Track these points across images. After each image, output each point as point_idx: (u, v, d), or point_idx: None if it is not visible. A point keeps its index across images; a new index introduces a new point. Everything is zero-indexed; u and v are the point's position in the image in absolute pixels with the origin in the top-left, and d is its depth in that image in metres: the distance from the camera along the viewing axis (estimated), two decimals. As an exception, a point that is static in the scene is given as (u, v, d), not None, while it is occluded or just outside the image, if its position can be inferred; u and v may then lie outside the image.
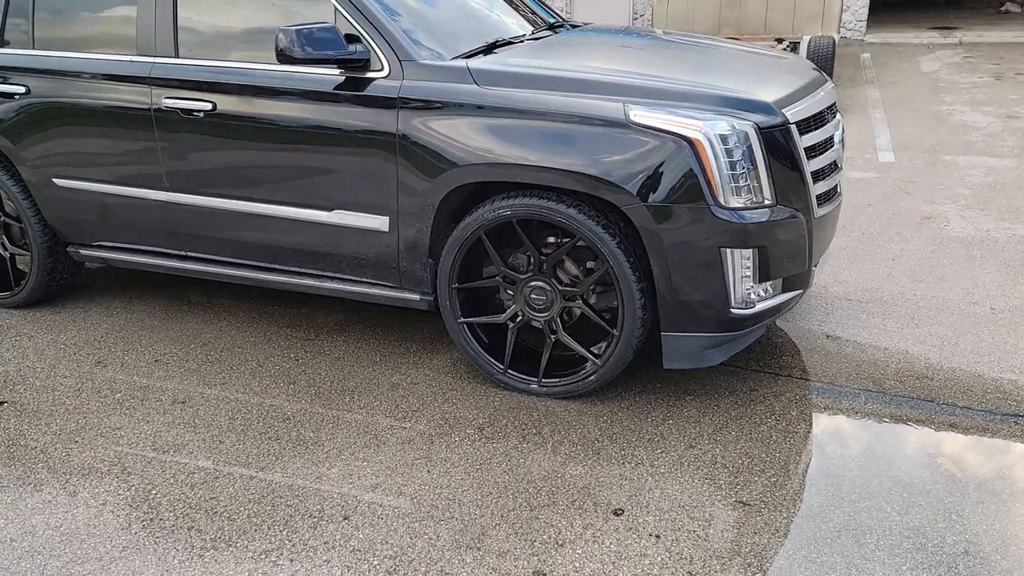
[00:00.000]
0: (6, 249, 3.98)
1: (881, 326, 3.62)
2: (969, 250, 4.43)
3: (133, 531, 2.43)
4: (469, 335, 3.18)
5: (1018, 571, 2.19)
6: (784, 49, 7.93)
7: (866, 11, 12.32)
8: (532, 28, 3.78)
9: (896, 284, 4.04)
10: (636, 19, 13.39)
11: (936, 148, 6.45)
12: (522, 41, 3.48)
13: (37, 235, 3.80)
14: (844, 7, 12.17)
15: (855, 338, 3.52)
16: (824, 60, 7.70)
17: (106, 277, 4.46)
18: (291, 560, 2.30)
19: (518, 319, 3.12)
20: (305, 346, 3.60)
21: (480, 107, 2.88)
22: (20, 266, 4.04)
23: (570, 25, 4.09)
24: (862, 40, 12.18)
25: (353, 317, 3.86)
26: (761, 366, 3.33)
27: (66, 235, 3.83)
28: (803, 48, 7.92)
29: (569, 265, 3.06)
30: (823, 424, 2.92)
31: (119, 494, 2.60)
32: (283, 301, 4.05)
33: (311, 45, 2.91)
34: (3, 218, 3.92)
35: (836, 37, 8.22)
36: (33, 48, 3.56)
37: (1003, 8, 14.89)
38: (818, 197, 3.02)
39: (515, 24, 3.72)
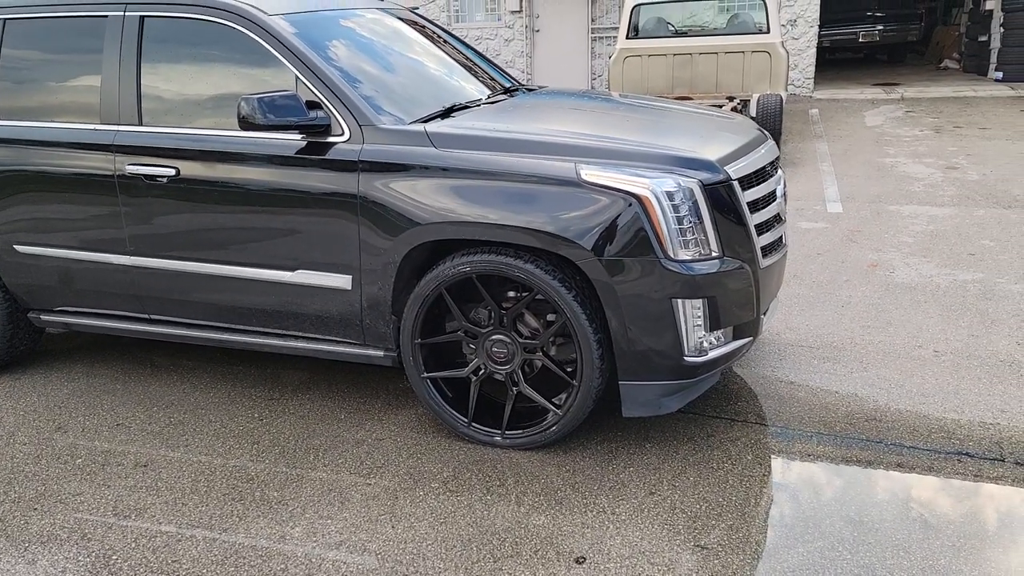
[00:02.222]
0: (-34, 316, 3.97)
1: (832, 370, 3.75)
2: (914, 295, 4.61)
3: (94, 597, 2.41)
4: (433, 390, 3.24)
5: (964, 604, 2.27)
6: (735, 107, 8.25)
7: (813, 69, 12.89)
8: (489, 92, 3.94)
9: (845, 330, 4.19)
10: (594, 79, 13.82)
11: (881, 199, 6.73)
12: (479, 105, 3.63)
13: (-2, 301, 3.80)
14: (792, 66, 12.72)
15: (807, 383, 3.64)
16: (773, 116, 8.04)
17: (67, 341, 4.45)
18: (255, 620, 2.30)
19: (480, 372, 3.18)
20: (270, 405, 3.62)
21: (438, 168, 3.00)
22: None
23: (526, 88, 4.26)
24: (811, 96, 12.71)
25: (318, 375, 3.90)
26: (718, 412, 3.42)
27: (27, 301, 3.83)
28: (753, 105, 8.25)
29: (529, 319, 3.15)
30: (777, 467, 3.01)
31: (79, 561, 2.58)
32: (247, 361, 4.07)
33: (273, 112, 3.02)
34: (-37, 285, 3.92)
35: (784, 95, 8.58)
36: (-3, 118, 3.62)
37: (942, 65, 15.67)
38: (763, 248, 3.15)
39: (472, 88, 3.88)
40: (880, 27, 16.15)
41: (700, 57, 9.04)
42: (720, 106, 8.13)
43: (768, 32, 8.92)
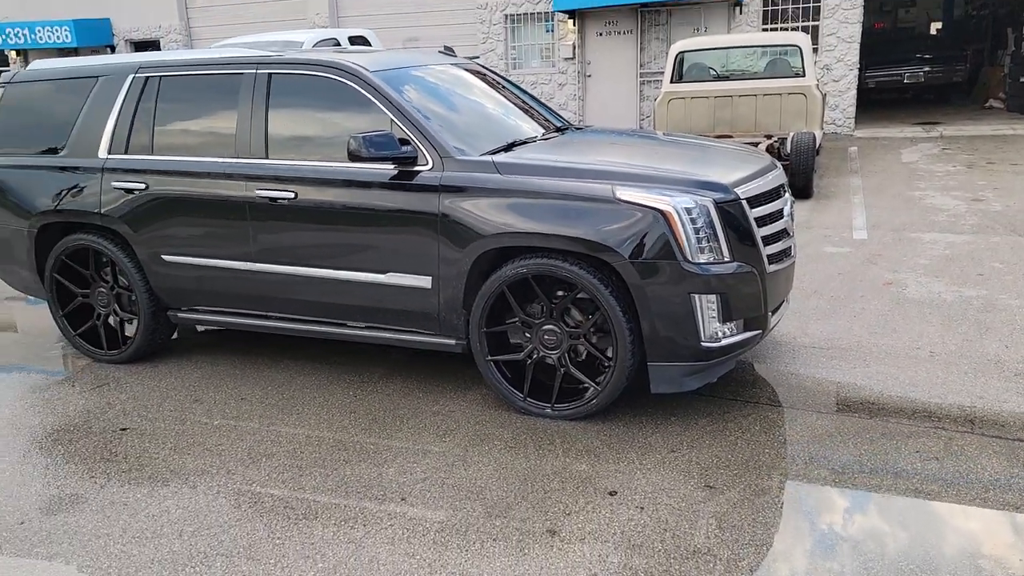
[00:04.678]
0: (117, 315, 4.87)
1: (837, 366, 4.36)
2: (920, 309, 5.19)
3: (243, 508, 3.19)
4: (495, 370, 3.97)
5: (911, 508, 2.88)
6: (772, 144, 8.90)
7: (853, 109, 13.44)
8: (543, 130, 4.72)
9: (854, 335, 4.80)
10: (643, 120, 14.60)
11: (905, 227, 7.29)
12: (535, 140, 4.41)
13: (144, 302, 4.69)
14: (833, 106, 13.30)
15: (814, 375, 4.26)
16: (807, 152, 8.67)
17: (189, 341, 5.33)
18: (364, 526, 3.04)
19: (535, 356, 3.91)
20: (361, 387, 4.40)
21: (503, 191, 3.77)
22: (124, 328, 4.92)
23: (574, 128, 5.04)
24: (851, 135, 13.25)
25: (398, 366, 4.67)
26: (734, 396, 4.07)
27: (168, 301, 4.72)
28: (788, 142, 8.88)
29: (574, 312, 3.87)
30: (779, 434, 3.64)
31: (228, 486, 3.37)
32: (337, 354, 4.87)
33: (373, 147, 3.84)
34: (117, 289, 4.83)
35: (818, 133, 9.19)
36: (153, 153, 4.54)
37: (987, 104, 16.01)
38: (770, 257, 3.82)
39: (529, 127, 4.67)
40: (925, 69, 16.65)
41: (740, 99, 9.74)
42: (757, 144, 8.79)
43: (804, 76, 9.58)
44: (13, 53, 18.51)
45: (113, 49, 17.83)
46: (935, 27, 21.96)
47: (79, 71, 4.81)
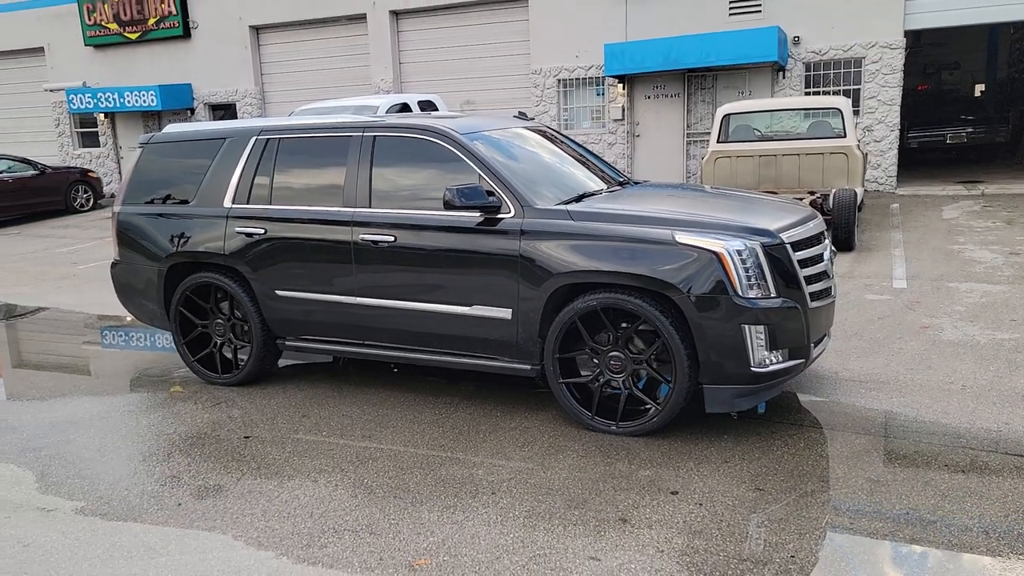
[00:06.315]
0: (231, 343, 5.57)
1: (876, 396, 4.82)
2: (956, 349, 5.61)
3: (359, 498, 3.78)
4: (567, 392, 4.53)
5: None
6: (815, 200, 9.41)
7: (895, 168, 13.89)
8: (606, 184, 5.36)
9: (892, 371, 5.25)
10: (689, 177, 15.23)
11: (943, 277, 7.71)
12: (601, 193, 5.04)
13: (257, 331, 5.38)
14: (875, 165, 13.78)
15: (854, 403, 4.72)
16: (848, 208, 9.16)
17: (287, 369, 6.00)
18: (464, 512, 3.60)
19: (601, 379, 4.46)
20: (445, 407, 4.98)
21: (577, 235, 4.39)
22: (227, 355, 5.60)
23: (634, 182, 5.67)
24: (893, 192, 13.67)
25: (471, 392, 5.25)
26: (781, 419, 4.55)
27: (277, 331, 5.40)
28: (831, 198, 9.39)
29: (637, 341, 4.43)
30: (821, 450, 4.11)
31: (343, 480, 3.97)
32: (418, 381, 5.47)
33: (464, 197, 4.51)
34: (233, 320, 5.54)
35: (859, 190, 9.68)
36: (271, 203, 5.28)
37: (1031, 163, 16.28)
38: (812, 294, 4.36)
39: (595, 182, 5.31)
40: (968, 129, 17.06)
41: (783, 158, 10.31)
42: (801, 199, 9.31)
43: (845, 136, 10.14)
44: (101, 116, 20.04)
45: (192, 112, 19.21)
46: (979, 89, 22.38)
47: (208, 133, 5.62)
